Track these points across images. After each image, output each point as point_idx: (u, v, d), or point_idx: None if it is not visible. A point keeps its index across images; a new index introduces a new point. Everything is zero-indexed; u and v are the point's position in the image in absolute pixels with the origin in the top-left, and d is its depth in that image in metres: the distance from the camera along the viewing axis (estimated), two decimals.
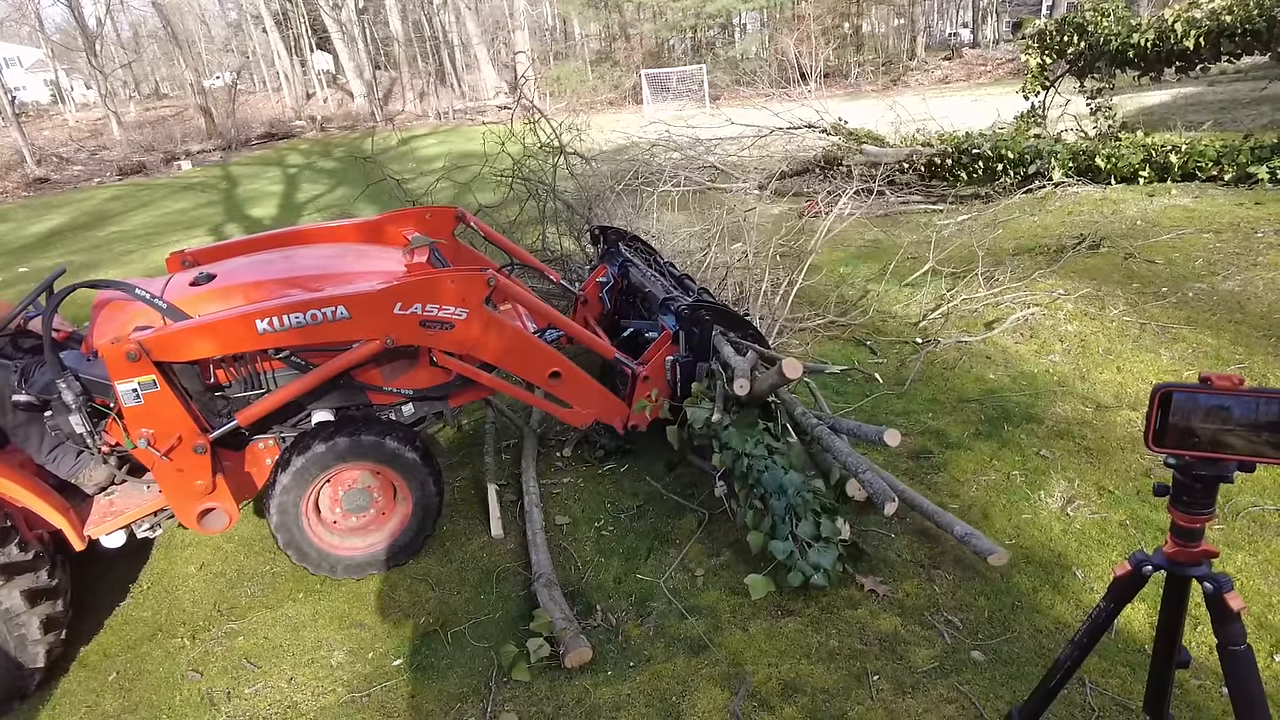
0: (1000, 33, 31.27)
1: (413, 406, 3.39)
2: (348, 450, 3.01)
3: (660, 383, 3.49)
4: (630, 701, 2.46)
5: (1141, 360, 4.23)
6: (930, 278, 5.88)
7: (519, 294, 3.36)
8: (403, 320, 2.89)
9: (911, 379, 4.36)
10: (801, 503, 2.74)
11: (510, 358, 3.18)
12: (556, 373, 3.25)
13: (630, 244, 4.44)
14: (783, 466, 2.92)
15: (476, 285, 2.96)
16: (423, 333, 2.95)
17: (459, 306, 2.94)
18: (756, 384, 3.02)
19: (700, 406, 3.22)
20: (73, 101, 39.95)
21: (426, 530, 3.26)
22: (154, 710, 2.71)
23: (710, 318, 3.40)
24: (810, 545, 2.74)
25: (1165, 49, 8.05)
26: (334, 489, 3.13)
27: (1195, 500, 1.26)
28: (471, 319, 2.98)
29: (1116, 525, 3.02)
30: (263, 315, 2.75)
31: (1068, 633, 2.55)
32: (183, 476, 2.86)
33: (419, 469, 3.12)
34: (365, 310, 2.85)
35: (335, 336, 2.87)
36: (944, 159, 8.48)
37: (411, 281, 2.90)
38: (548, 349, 3.28)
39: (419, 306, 2.89)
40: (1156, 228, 6.22)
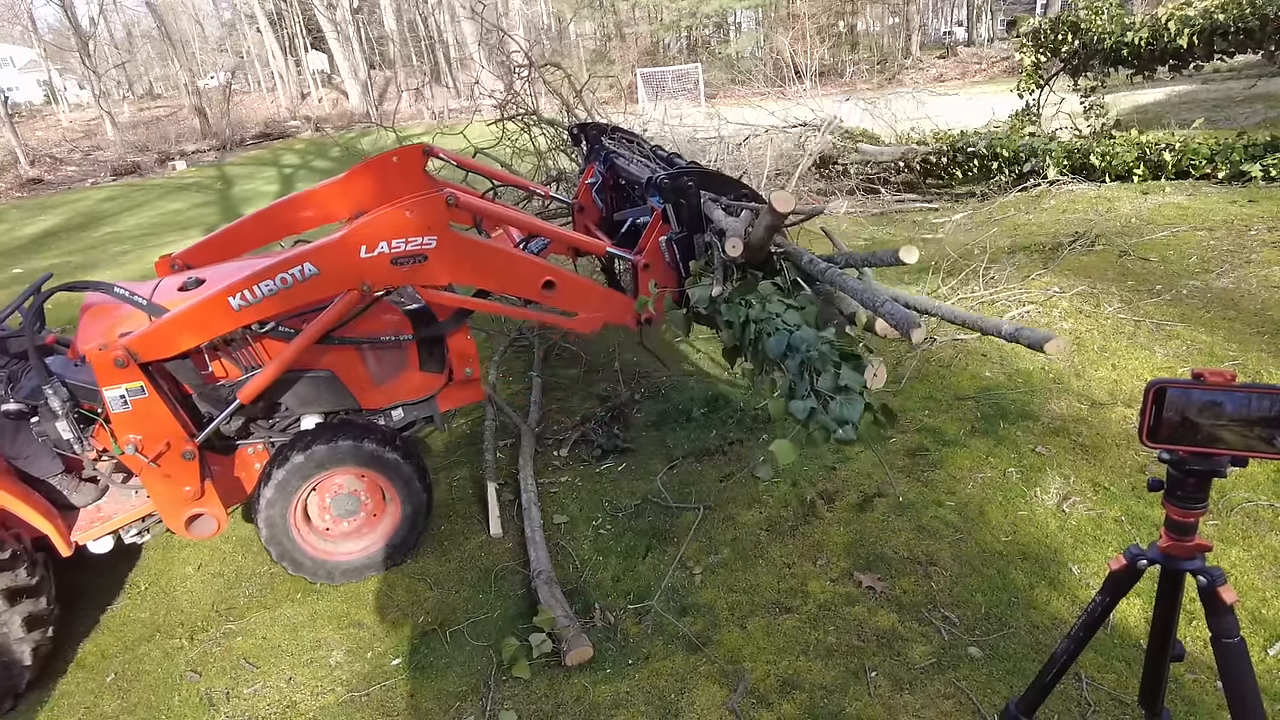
0: (995, 31, 31.34)
1: (402, 410, 3.37)
2: (326, 458, 2.98)
3: (661, 268, 3.26)
4: (629, 699, 2.47)
5: (1136, 357, 4.25)
6: (927, 276, 5.90)
7: (484, 208, 3.22)
8: (373, 263, 2.78)
9: (907, 377, 4.37)
10: (818, 356, 2.43)
11: (496, 276, 3.04)
12: (550, 282, 3.08)
13: (614, 136, 4.19)
14: (794, 324, 2.59)
15: (435, 208, 2.81)
16: (397, 271, 2.83)
17: (425, 235, 2.80)
18: (751, 238, 2.71)
19: (701, 284, 2.97)
20: (66, 102, 39.80)
21: (419, 528, 3.25)
22: (153, 711, 2.71)
23: (695, 184, 3.15)
24: (832, 399, 2.39)
25: (1159, 47, 8.07)
26: (320, 496, 3.12)
27: (1189, 495, 1.27)
28: (442, 245, 2.83)
29: (1112, 521, 3.04)
30: (233, 291, 2.70)
31: (1064, 628, 2.56)
32: (170, 482, 2.85)
33: (401, 468, 3.10)
34: (332, 261, 2.76)
35: (312, 296, 2.80)
36: (939, 158, 8.49)
37: (368, 220, 2.79)
38: (534, 260, 3.12)
39: (385, 245, 2.77)
40: (1151, 225, 6.24)
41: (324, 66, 38.76)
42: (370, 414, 3.31)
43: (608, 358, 5.17)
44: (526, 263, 3.09)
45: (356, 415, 3.29)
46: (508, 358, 5.41)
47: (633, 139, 4.13)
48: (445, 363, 3.38)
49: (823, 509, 3.30)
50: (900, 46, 28.54)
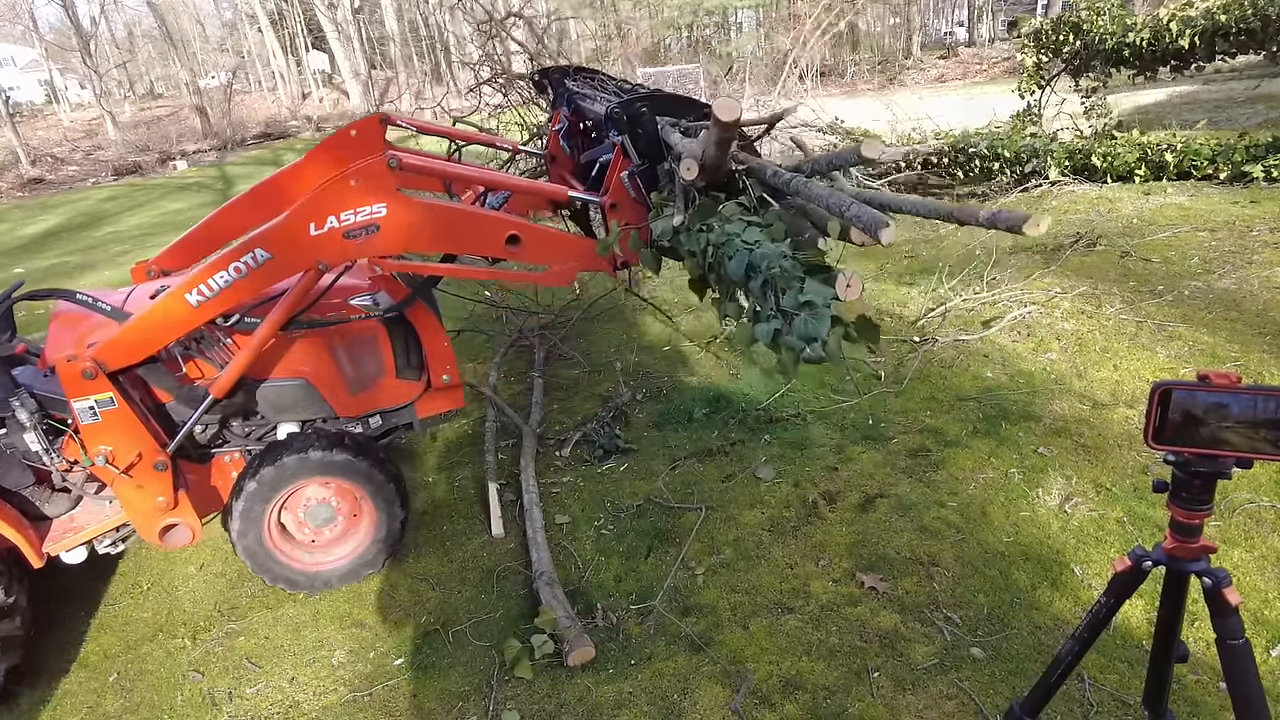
0: (995, 31, 31.33)
1: (381, 418, 3.33)
2: (295, 469, 2.93)
3: (628, 206, 3.03)
4: (632, 699, 2.47)
5: (1138, 358, 4.25)
6: (929, 276, 5.90)
7: (431, 167, 3.09)
8: (325, 240, 2.66)
9: (909, 377, 4.37)
10: (780, 272, 2.24)
11: (456, 238, 2.89)
12: (514, 236, 2.89)
13: (577, 77, 3.93)
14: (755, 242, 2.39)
15: (378, 173, 2.66)
16: (351, 244, 2.69)
17: (374, 203, 2.67)
18: (706, 157, 2.51)
19: (664, 216, 2.77)
20: (67, 101, 39.82)
21: (399, 516, 3.17)
22: (155, 711, 2.71)
23: (649, 109, 2.92)
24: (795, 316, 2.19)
25: (1160, 48, 8.06)
26: (293, 515, 3.09)
27: (1194, 496, 1.27)
28: (393, 211, 2.69)
29: (1114, 522, 3.04)
30: (190, 288, 2.64)
31: (1066, 629, 2.56)
32: (143, 493, 2.83)
33: (363, 470, 3.03)
34: (283, 243, 2.66)
35: (269, 281, 2.72)
36: (940, 158, 8.49)
37: (313, 197, 2.68)
38: (494, 215, 2.97)
39: (334, 219, 2.64)
40: (1152, 226, 6.24)
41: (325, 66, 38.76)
42: (348, 421, 3.27)
43: (609, 358, 5.18)
44: (486, 219, 2.92)
45: (333, 423, 3.24)
46: (509, 358, 5.42)
47: (597, 77, 3.88)
48: (423, 369, 3.34)
49: (825, 509, 3.30)
50: (901, 47, 28.53)
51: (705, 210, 2.58)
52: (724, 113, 2.19)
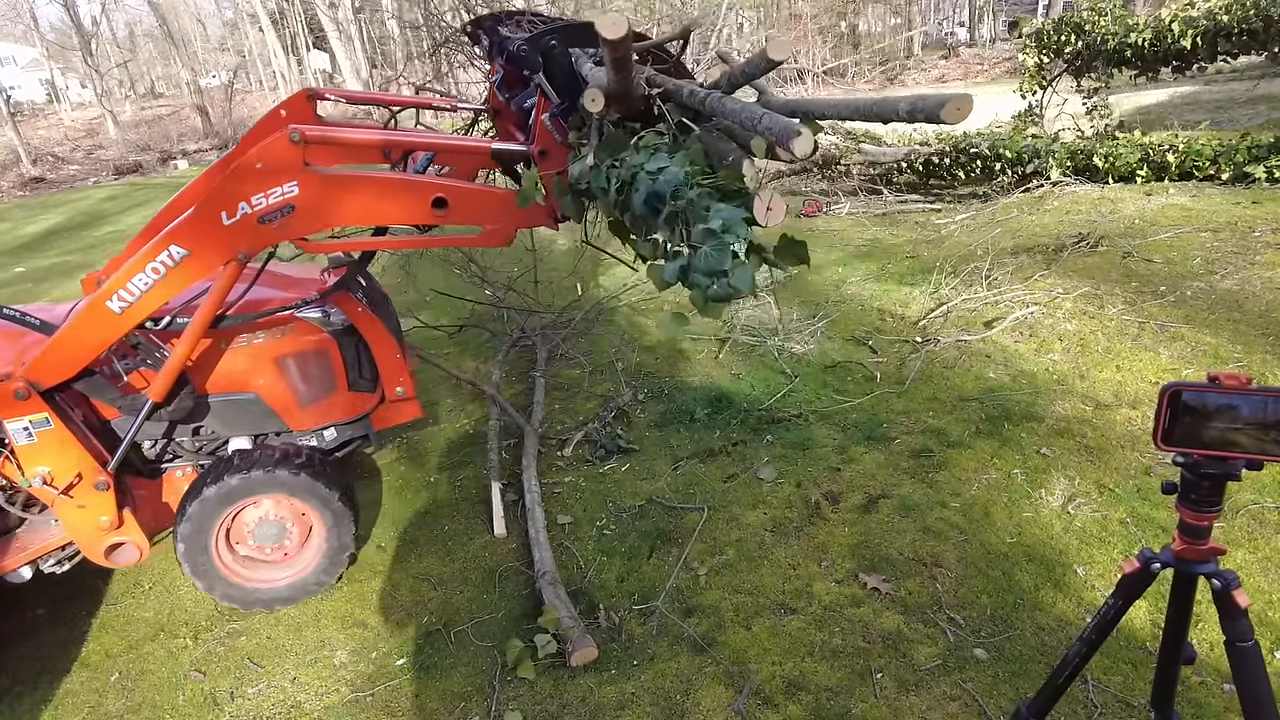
0: (996, 32, 31.31)
1: (335, 430, 3.29)
2: (223, 497, 2.89)
3: (559, 151, 2.79)
4: (634, 700, 2.47)
5: (1141, 359, 4.25)
6: (930, 277, 5.90)
7: (336, 136, 2.92)
8: (240, 228, 2.53)
9: (911, 378, 4.36)
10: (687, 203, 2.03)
11: (377, 208, 2.72)
12: (440, 200, 2.70)
13: (510, 21, 3.63)
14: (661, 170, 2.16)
15: (281, 150, 2.50)
16: (268, 230, 2.56)
17: (284, 183, 2.52)
18: (609, 84, 2.28)
19: (580, 157, 2.53)
20: (68, 101, 39.82)
21: (350, 533, 3.11)
22: (157, 710, 2.71)
23: (560, 41, 2.69)
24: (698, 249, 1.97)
25: (1162, 48, 8.06)
26: (242, 532, 3.04)
27: (1203, 498, 1.26)
28: (306, 188, 2.54)
29: (1117, 523, 3.04)
30: (109, 295, 2.54)
31: (1070, 630, 2.56)
32: (85, 513, 2.76)
33: (311, 488, 2.97)
34: (197, 238, 2.55)
35: (192, 277, 2.61)
36: (942, 158, 8.49)
37: (218, 184, 2.56)
38: (415, 180, 2.80)
39: (245, 205, 2.51)
40: (1154, 227, 6.23)
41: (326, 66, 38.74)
42: (300, 435, 3.22)
43: (610, 358, 5.17)
44: (407, 184, 2.75)
45: (287, 437, 3.20)
46: (511, 358, 5.41)
47: (538, 19, 3.53)
48: (377, 382, 3.28)
49: (827, 510, 3.30)
50: (902, 47, 28.52)
51: (614, 144, 2.34)
52: (609, 29, 1.89)
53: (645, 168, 2.18)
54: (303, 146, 2.51)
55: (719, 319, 1.97)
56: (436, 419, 4.66)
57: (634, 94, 2.32)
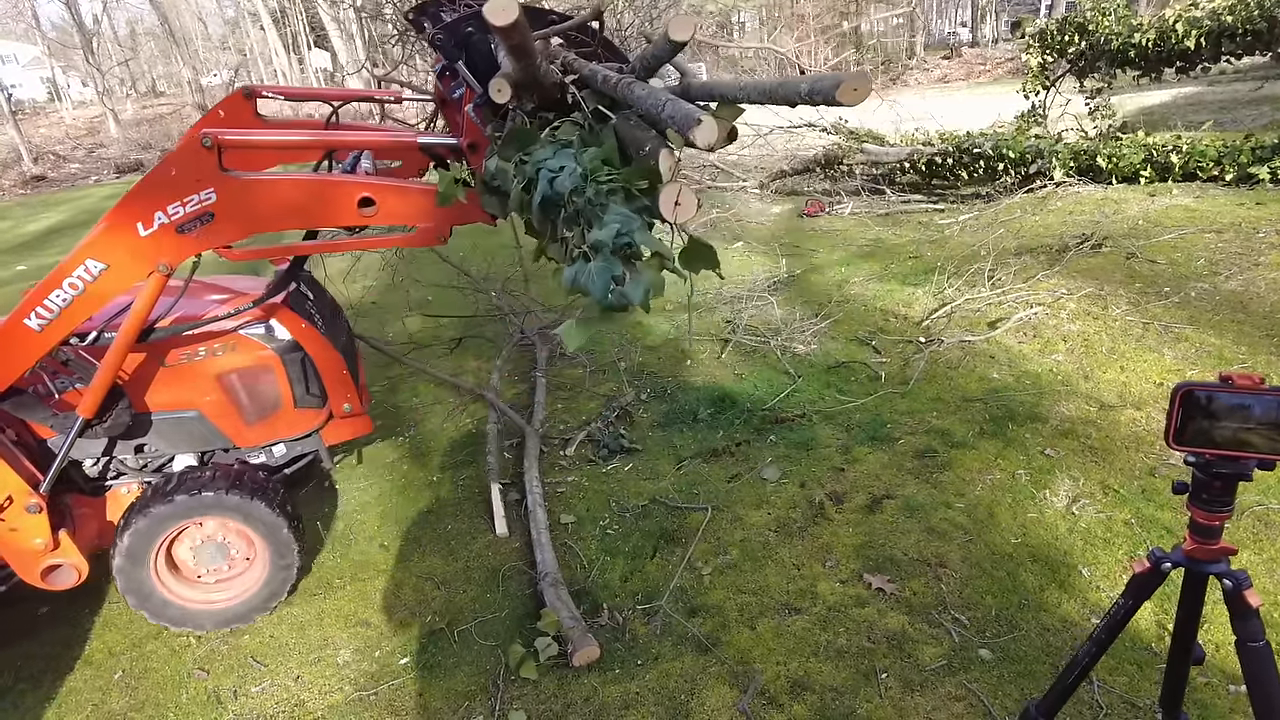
0: (999, 32, 31.31)
1: (285, 447, 3.23)
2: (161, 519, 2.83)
3: (485, 143, 2.63)
4: (639, 700, 2.46)
5: (1145, 360, 4.24)
6: (934, 277, 5.89)
7: (253, 140, 2.83)
8: (158, 239, 2.44)
9: (915, 378, 4.36)
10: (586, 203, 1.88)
11: (302, 211, 2.61)
12: (366, 199, 2.58)
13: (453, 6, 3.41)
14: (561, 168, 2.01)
15: (193, 154, 2.41)
16: (188, 240, 2.47)
17: (200, 190, 2.43)
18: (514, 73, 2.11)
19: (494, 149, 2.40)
20: (69, 99, 39.84)
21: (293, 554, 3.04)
22: (161, 708, 2.71)
23: (477, 27, 2.55)
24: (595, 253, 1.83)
25: (1166, 49, 8.06)
26: (182, 552, 2.98)
27: (1214, 498, 1.26)
28: (224, 194, 2.45)
29: (1122, 524, 3.03)
30: (25, 313, 2.47)
31: (1075, 631, 2.55)
32: (18, 536, 2.70)
33: (250, 509, 2.92)
34: (114, 251, 2.47)
35: (112, 292, 2.53)
36: (945, 158, 8.49)
37: (132, 193, 2.48)
38: (340, 180, 2.69)
39: (161, 215, 2.42)
40: (1158, 227, 6.23)
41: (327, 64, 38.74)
42: (247, 452, 3.18)
43: (612, 358, 5.17)
44: (330, 185, 2.62)
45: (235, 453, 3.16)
46: (512, 358, 5.41)
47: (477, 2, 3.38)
48: (325, 398, 3.23)
49: (831, 510, 3.29)
50: (905, 47, 28.52)
51: (519, 137, 2.17)
52: (497, 15, 1.69)
53: (547, 164, 2.03)
54: (216, 151, 2.42)
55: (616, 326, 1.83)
56: (439, 418, 4.66)
57: (544, 81, 2.17)
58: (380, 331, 6.35)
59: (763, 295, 6.00)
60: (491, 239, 8.00)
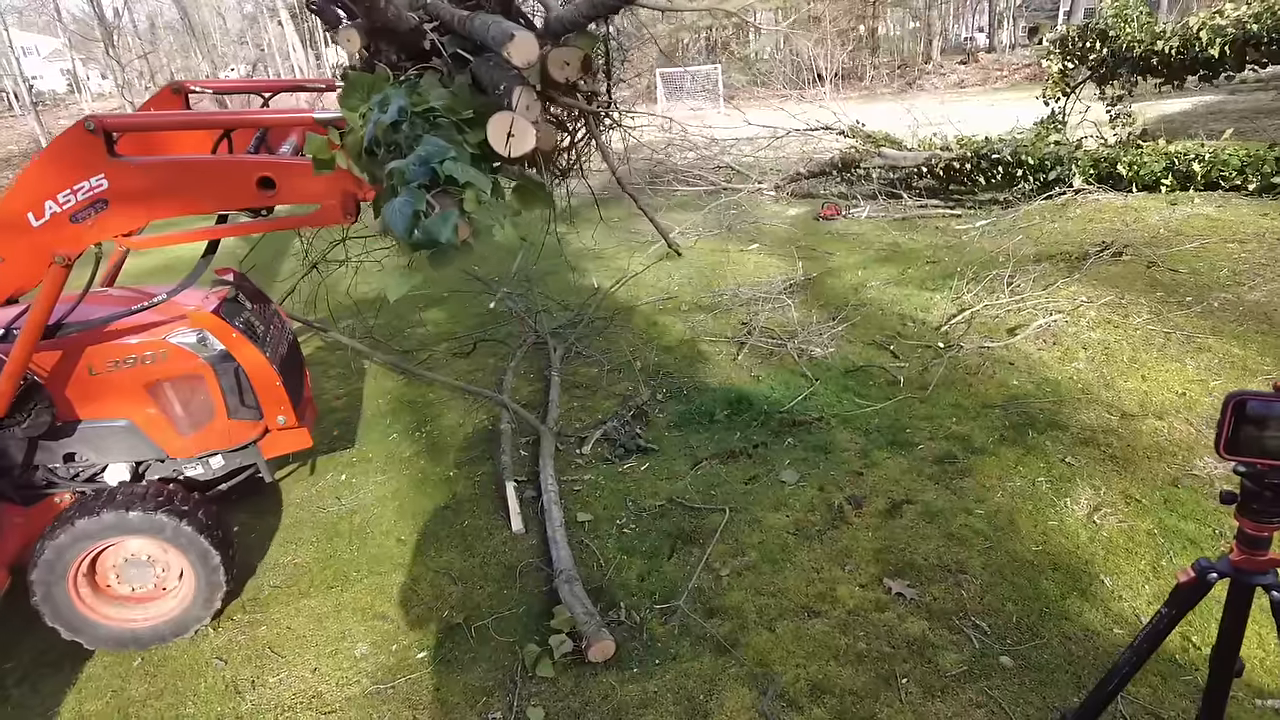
0: (1016, 38, 31.16)
1: (222, 458, 3.16)
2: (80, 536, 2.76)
3: None
4: (657, 699, 2.46)
5: (1167, 369, 4.20)
6: (952, 282, 5.86)
7: (138, 122, 2.79)
8: (51, 229, 2.38)
9: (934, 383, 4.33)
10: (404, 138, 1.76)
11: (200, 195, 2.52)
12: (266, 179, 2.45)
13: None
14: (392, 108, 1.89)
15: (77, 142, 2.35)
16: (84, 228, 2.40)
17: (89, 176, 2.37)
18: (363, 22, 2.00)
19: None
20: (89, 91, 40.17)
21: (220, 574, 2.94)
22: (180, 696, 2.72)
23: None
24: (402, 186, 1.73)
25: (1189, 56, 7.98)
26: (103, 569, 2.91)
27: (1265, 508, 1.24)
28: (115, 180, 2.38)
29: (1144, 534, 3.00)
30: None
31: (1097, 640, 2.53)
32: None
33: (160, 525, 2.83)
34: (7, 243, 2.40)
35: (12, 286, 2.50)
36: (963, 164, 8.44)
37: (17, 184, 2.42)
38: (238, 160, 2.61)
39: (52, 204, 2.36)
40: (1180, 236, 6.17)
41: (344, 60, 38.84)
42: (183, 463, 3.12)
43: (627, 357, 5.16)
44: (225, 166, 2.54)
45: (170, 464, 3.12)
46: (528, 356, 5.41)
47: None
48: (259, 410, 3.14)
49: (851, 514, 3.28)
50: (921, 51, 28.40)
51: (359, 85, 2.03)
52: None
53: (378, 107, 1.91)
54: (103, 136, 2.36)
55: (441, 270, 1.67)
56: (455, 413, 4.67)
57: (399, 28, 2.05)
58: (396, 330, 6.38)
59: (779, 297, 5.98)
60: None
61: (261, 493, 3.85)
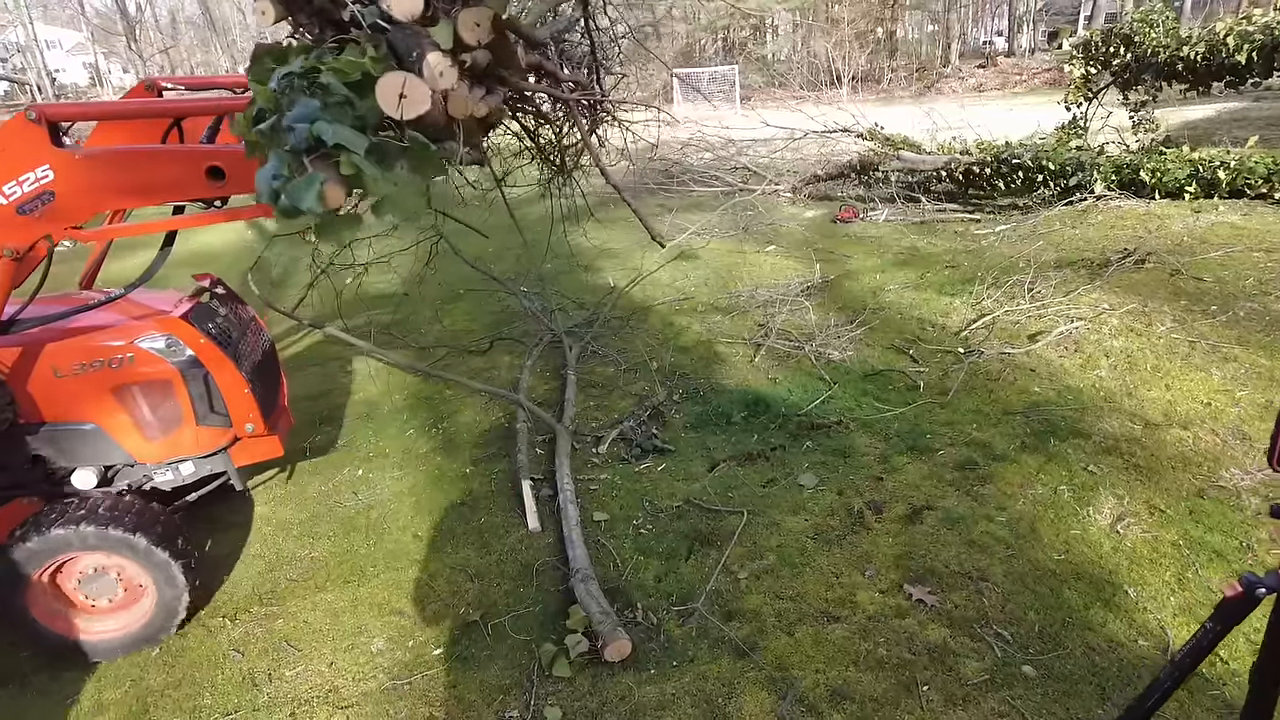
0: (1035, 42, 30.93)
1: (192, 465, 3.13)
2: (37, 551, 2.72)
3: None
4: (675, 701, 2.44)
5: (1192, 379, 4.15)
6: (971, 287, 5.81)
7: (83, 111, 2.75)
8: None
9: (954, 389, 4.30)
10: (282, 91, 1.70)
11: (146, 184, 2.47)
12: (216, 169, 2.38)
13: None
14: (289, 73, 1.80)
15: (18, 132, 2.31)
16: (31, 221, 2.37)
17: (34, 167, 2.34)
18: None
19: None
20: (110, 85, 40.57)
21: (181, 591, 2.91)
22: (197, 687, 2.73)
23: None
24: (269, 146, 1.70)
25: (1215, 62, 7.90)
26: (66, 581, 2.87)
27: None
28: (61, 171, 2.34)
29: (1169, 545, 2.96)
30: None
31: (1122, 652, 2.50)
32: None
33: (130, 545, 2.79)
34: None
35: None
36: (982, 168, 8.38)
37: None
38: (187, 149, 2.57)
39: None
40: (1204, 244, 6.10)
41: None
42: (152, 469, 3.09)
43: (643, 357, 5.15)
44: (174, 155, 2.49)
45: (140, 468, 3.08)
46: (544, 355, 5.41)
47: None
48: (229, 417, 3.11)
49: (871, 519, 3.25)
50: (939, 55, 28.24)
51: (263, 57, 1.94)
52: None
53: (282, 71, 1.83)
54: (45, 126, 2.31)
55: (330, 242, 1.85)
56: (471, 410, 4.67)
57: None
58: (412, 326, 6.39)
59: (796, 300, 5.95)
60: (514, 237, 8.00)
61: (279, 486, 3.87)
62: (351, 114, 1.68)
